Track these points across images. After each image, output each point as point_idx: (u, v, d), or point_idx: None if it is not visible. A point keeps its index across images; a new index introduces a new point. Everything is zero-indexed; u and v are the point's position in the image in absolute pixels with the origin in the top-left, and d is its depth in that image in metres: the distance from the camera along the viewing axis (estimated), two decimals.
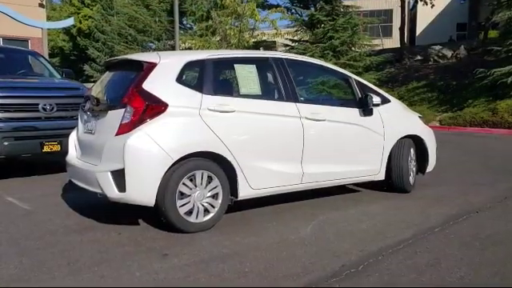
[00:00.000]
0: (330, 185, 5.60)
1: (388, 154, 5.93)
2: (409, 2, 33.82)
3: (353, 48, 21.68)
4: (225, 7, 24.00)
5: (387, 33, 38.11)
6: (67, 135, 6.98)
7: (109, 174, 4.35)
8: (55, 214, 5.25)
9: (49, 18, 28.77)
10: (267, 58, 5.26)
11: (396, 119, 6.02)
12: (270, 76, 5.24)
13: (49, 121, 7.07)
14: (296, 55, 5.64)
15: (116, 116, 4.46)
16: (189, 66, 4.71)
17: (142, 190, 4.32)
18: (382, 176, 5.95)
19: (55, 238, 4.45)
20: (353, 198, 5.97)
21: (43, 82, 7.78)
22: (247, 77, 5.02)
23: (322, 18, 22.62)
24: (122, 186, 4.31)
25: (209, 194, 4.64)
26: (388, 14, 39.24)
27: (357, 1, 26.12)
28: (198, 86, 4.71)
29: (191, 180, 4.52)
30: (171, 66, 4.65)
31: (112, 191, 4.35)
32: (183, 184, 4.47)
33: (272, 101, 5.14)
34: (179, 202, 4.45)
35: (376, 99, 5.66)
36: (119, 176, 4.31)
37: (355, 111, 5.68)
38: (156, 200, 4.36)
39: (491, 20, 21.69)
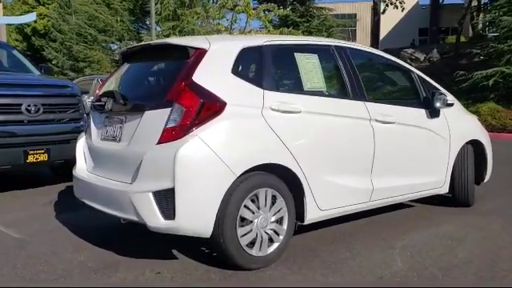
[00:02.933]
0: (394, 202, 4.65)
1: (453, 162, 5.04)
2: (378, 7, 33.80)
3: None
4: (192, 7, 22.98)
5: (352, 37, 37.95)
6: (56, 142, 5.87)
7: (150, 195, 3.24)
8: (58, 244, 4.06)
9: None
10: (329, 46, 4.26)
11: (460, 122, 5.15)
12: (333, 68, 4.24)
13: (33, 125, 5.80)
14: (356, 44, 4.68)
15: (157, 118, 3.35)
16: (245, 53, 3.64)
17: (198, 217, 3.24)
18: (446, 189, 5.07)
19: (73, 282, 3.28)
20: (412, 217, 5.03)
21: (25, 78, 6.45)
22: (310, 69, 4.01)
23: (296, 19, 21.93)
24: (169, 212, 3.21)
25: (273, 219, 3.59)
26: (352, 18, 39.09)
27: (325, 3, 25.64)
28: (258, 80, 3.65)
29: (253, 201, 3.46)
30: (225, 54, 3.58)
31: (154, 219, 3.23)
32: (245, 207, 3.41)
33: (340, 99, 4.13)
34: (240, 231, 3.39)
35: (450, 98, 4.76)
36: (165, 198, 3.21)
37: (421, 112, 4.77)
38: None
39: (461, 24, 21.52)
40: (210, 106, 3.30)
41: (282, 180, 3.62)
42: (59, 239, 4.21)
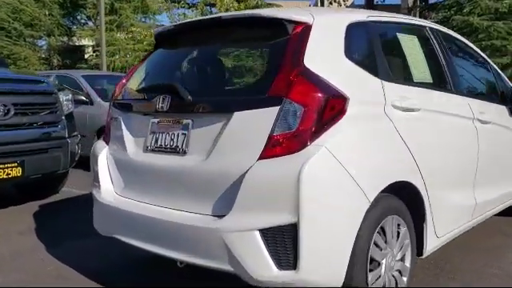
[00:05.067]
0: (487, 217, 3.84)
1: None
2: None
3: None
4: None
5: None
6: (32, 152, 4.58)
7: (256, 235, 2.19)
8: None
9: None
10: (424, 27, 3.36)
11: None
12: (431, 55, 3.33)
13: (2, 131, 4.46)
14: (441, 26, 3.81)
15: (254, 122, 2.31)
16: (352, 30, 2.65)
17: (329, 262, 2.24)
18: None
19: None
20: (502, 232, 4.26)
21: None
22: (415, 54, 3.12)
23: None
24: (287, 258, 2.19)
25: (398, 256, 2.66)
26: None
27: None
28: (372, 66, 2.69)
29: (379, 234, 2.50)
30: (333, 30, 2.58)
31: (263, 268, 2.20)
32: (374, 244, 2.44)
33: (447, 94, 3.25)
34: (370, 277, 2.41)
35: None
36: (282, 238, 2.18)
37: (504, 109, 4.00)
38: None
39: None
40: (334, 104, 2.29)
41: (404, 202, 2.68)
42: None
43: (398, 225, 2.63)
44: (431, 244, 2.91)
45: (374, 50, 2.75)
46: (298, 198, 2.11)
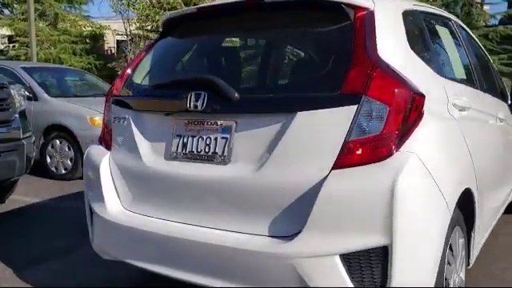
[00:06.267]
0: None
1: None
2: None
3: None
4: None
5: None
6: None
7: (336, 260, 1.83)
8: None
9: None
10: (450, 20, 3.13)
11: None
12: (459, 49, 3.11)
13: None
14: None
15: (324, 124, 1.93)
16: (407, 20, 2.34)
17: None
18: None
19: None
20: None
21: None
22: (453, 48, 2.88)
23: None
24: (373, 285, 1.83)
25: (460, 271, 2.40)
26: None
27: None
28: (429, 59, 2.41)
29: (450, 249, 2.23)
30: (393, 18, 2.25)
31: None
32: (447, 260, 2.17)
33: (477, 90, 3.05)
34: None
35: None
36: (367, 263, 1.84)
37: (505, 107, 3.89)
38: None
39: None
40: (417, 103, 1.97)
41: (461, 210, 2.43)
42: None
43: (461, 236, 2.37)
44: (475, 252, 2.70)
45: (426, 42, 2.48)
46: (392, 215, 1.77)
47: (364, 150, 1.87)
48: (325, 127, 1.92)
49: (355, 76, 1.92)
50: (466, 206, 2.41)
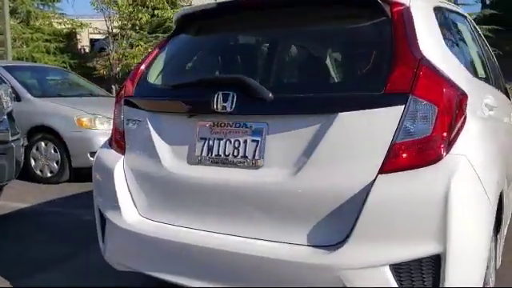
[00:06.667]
0: None
1: None
2: None
3: None
4: None
5: None
6: None
7: (387, 271, 1.72)
8: None
9: None
10: (466, 17, 3.06)
11: None
12: (476, 46, 3.04)
13: None
14: None
15: (365, 125, 1.83)
16: (437, 16, 2.26)
17: None
18: None
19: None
20: None
21: None
22: (473, 46, 2.82)
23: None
24: None
25: (493, 273, 2.34)
26: None
27: None
28: (461, 57, 2.35)
29: None
30: (428, 15, 2.17)
31: None
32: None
33: (494, 88, 2.99)
34: None
35: None
36: (419, 273, 1.75)
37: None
38: None
39: None
40: (462, 103, 1.89)
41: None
42: None
43: None
44: (500, 256, 2.63)
45: (455, 40, 2.41)
46: (446, 221, 1.68)
47: (412, 153, 1.77)
48: (369, 129, 1.82)
49: (400, 75, 1.82)
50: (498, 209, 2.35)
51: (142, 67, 2.50)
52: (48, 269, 3.18)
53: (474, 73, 2.48)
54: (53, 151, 5.90)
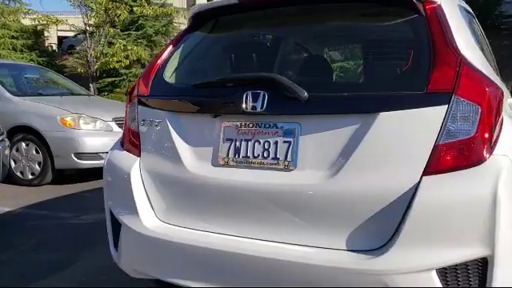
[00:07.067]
0: None
1: None
2: None
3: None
4: None
5: None
6: None
7: (434, 276, 1.68)
8: None
9: None
10: (474, 15, 3.05)
11: None
12: (486, 46, 3.04)
13: None
14: None
15: (407, 126, 1.77)
16: (463, 13, 2.26)
17: None
18: None
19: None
20: None
21: None
22: (486, 45, 2.82)
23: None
24: None
25: None
26: None
27: None
28: (488, 57, 2.36)
29: None
30: (457, 13, 2.15)
31: None
32: None
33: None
34: None
35: None
36: (465, 277, 1.71)
37: None
38: None
39: None
40: (500, 103, 1.86)
41: None
42: None
43: None
44: None
45: (477, 39, 2.38)
46: (495, 223, 1.64)
47: (456, 155, 1.73)
48: (411, 129, 1.77)
49: (442, 74, 1.77)
50: None
51: (157, 65, 2.39)
52: (45, 276, 3.04)
53: (496, 72, 2.47)
54: (34, 152, 5.68)
